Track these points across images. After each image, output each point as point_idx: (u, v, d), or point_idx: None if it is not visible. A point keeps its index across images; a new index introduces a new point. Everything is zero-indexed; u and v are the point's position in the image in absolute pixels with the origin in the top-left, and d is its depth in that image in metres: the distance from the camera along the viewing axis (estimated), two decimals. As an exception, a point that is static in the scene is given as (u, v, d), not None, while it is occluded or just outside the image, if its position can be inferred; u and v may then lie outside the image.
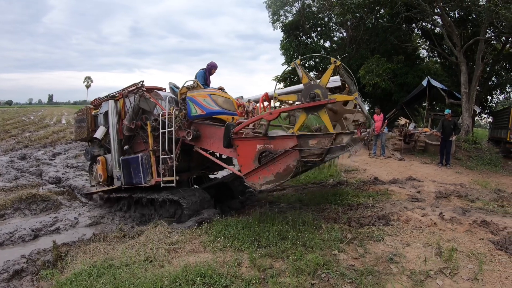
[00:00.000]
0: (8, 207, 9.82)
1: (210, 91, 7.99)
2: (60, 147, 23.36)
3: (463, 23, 22.14)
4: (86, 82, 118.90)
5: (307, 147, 5.89)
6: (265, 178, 6.20)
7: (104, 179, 9.81)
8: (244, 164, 6.43)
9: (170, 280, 4.77)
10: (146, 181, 8.59)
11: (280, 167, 6.03)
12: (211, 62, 9.32)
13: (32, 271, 6.09)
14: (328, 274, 4.78)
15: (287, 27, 28.53)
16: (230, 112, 7.92)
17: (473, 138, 18.02)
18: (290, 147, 5.94)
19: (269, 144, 6.13)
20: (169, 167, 8.20)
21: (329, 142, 5.74)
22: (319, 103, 6.02)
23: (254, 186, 6.43)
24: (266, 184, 6.22)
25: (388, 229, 6.46)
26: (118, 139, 9.32)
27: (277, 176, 6.09)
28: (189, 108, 7.76)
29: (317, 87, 6.15)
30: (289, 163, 5.95)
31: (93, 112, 10.40)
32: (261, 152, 6.21)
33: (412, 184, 10.45)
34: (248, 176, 6.38)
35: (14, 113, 58.48)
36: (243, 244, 5.97)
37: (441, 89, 20.14)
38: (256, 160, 6.27)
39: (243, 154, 6.43)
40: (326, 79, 6.49)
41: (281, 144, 6.03)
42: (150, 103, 8.83)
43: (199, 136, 7.86)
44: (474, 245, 5.79)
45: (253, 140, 6.37)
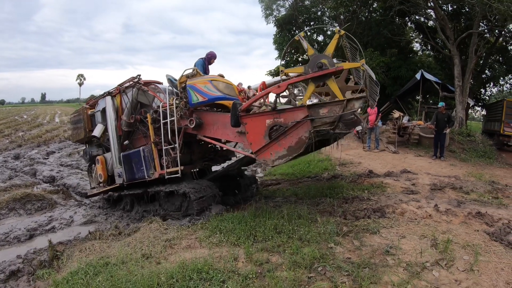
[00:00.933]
0: (2, 207, 9.75)
1: (211, 77, 7.82)
2: (54, 146, 23.24)
3: (456, 16, 22.23)
4: (78, 80, 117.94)
5: (318, 116, 5.81)
6: (277, 153, 6.11)
7: (105, 179, 9.63)
8: (254, 141, 6.31)
9: (167, 276, 4.76)
10: (149, 174, 8.41)
11: (292, 140, 5.94)
12: (210, 51, 9.17)
13: (29, 271, 6.04)
14: (325, 267, 4.79)
15: (280, 21, 28.51)
16: (231, 97, 7.69)
17: (467, 131, 18.14)
18: (301, 119, 5.85)
19: (279, 118, 6.04)
20: (173, 158, 8.02)
21: (341, 109, 5.67)
22: (327, 72, 5.96)
23: (266, 163, 6.34)
24: (279, 159, 6.12)
25: (384, 222, 6.46)
26: (117, 136, 9.14)
27: (289, 149, 6.00)
28: (190, 96, 7.58)
29: (323, 57, 6.12)
30: (301, 134, 5.86)
31: (90, 111, 10.21)
32: (271, 127, 6.11)
33: (407, 177, 10.47)
34: (259, 153, 6.27)
35: (6, 113, 58.07)
36: (239, 239, 5.96)
37: (434, 82, 20.24)
38: (267, 136, 6.16)
39: (253, 131, 6.31)
40: (332, 49, 6.45)
41: (291, 117, 5.93)
42: (148, 96, 8.75)
43: (201, 124, 7.71)
44: (470, 236, 5.81)
45: (262, 115, 6.26)
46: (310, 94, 6.23)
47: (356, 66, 6.56)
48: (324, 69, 5.97)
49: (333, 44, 6.52)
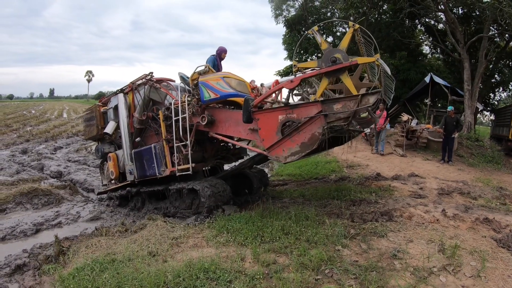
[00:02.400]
0: (9, 201, 9.80)
1: (223, 74, 7.75)
2: (61, 141, 23.38)
3: (467, 20, 22.05)
4: (87, 76, 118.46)
5: (332, 112, 5.72)
6: (290, 149, 6.02)
7: (116, 176, 9.67)
8: (267, 137, 6.24)
9: (174, 275, 4.76)
10: (160, 171, 8.39)
11: (305, 136, 5.85)
12: (220, 47, 9.12)
13: (34, 265, 6.04)
14: (332, 269, 4.78)
15: (290, 21, 28.41)
16: (244, 94, 7.59)
17: (475, 136, 18.01)
18: (314, 114, 5.76)
19: (292, 114, 5.95)
20: (184, 155, 8.00)
21: (355, 104, 5.58)
22: (341, 66, 5.91)
23: (278, 159, 6.25)
24: (292, 156, 6.03)
25: (391, 225, 6.46)
26: (129, 133, 9.18)
27: (302, 146, 5.91)
28: (202, 93, 7.54)
29: (337, 51, 6.07)
30: (314, 130, 5.77)
31: (102, 109, 10.26)
32: (283, 122, 6.02)
33: (415, 181, 10.43)
34: (272, 149, 6.20)
35: (15, 107, 58.52)
36: (246, 239, 5.96)
37: (443, 86, 20.12)
38: (279, 132, 6.08)
39: (265, 127, 6.23)
40: (346, 43, 6.41)
41: (305, 112, 5.84)
42: (160, 94, 8.74)
43: (213, 121, 7.66)
44: (477, 242, 5.78)
45: (274, 111, 6.18)
46: (324, 89, 6.14)
47: (371, 60, 6.48)
48: (338, 64, 5.90)
49: (347, 38, 6.47)
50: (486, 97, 26.25)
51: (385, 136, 15.81)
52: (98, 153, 10.44)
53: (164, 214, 8.63)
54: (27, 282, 5.54)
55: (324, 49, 6.36)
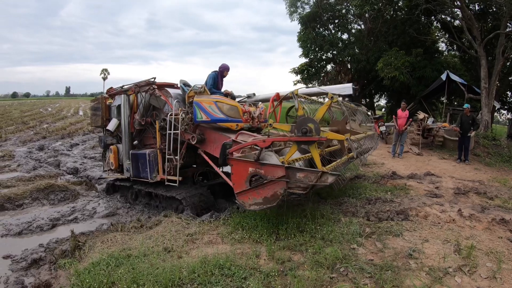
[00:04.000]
0: (26, 197, 9.95)
1: (216, 98, 8.20)
2: (77, 138, 23.60)
3: (484, 16, 21.75)
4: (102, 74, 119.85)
5: (294, 179, 5.85)
6: (254, 199, 6.19)
7: (116, 167, 10.16)
8: (237, 183, 6.41)
9: (189, 271, 4.79)
10: (152, 177, 8.95)
11: (268, 192, 6.01)
12: (223, 64, 9.47)
13: (50, 260, 6.13)
14: (347, 268, 4.77)
15: (305, 18, 28.29)
16: (234, 119, 8.08)
17: (492, 134, 17.73)
18: (278, 176, 5.90)
19: (260, 169, 6.09)
20: (174, 166, 8.51)
21: (315, 178, 5.69)
22: (310, 139, 5.98)
23: (243, 205, 6.38)
24: (254, 205, 6.18)
25: (407, 225, 6.41)
26: (129, 133, 9.56)
27: (264, 200, 6.07)
28: (195, 113, 8.00)
29: (311, 121, 6.13)
30: (276, 190, 5.92)
31: (108, 102, 10.60)
32: (252, 175, 6.18)
33: (431, 180, 10.32)
34: (240, 195, 6.35)
35: (32, 105, 59.27)
36: (261, 236, 6.00)
37: (460, 84, 19.86)
38: (248, 182, 6.23)
39: (236, 174, 6.41)
40: (321, 115, 6.64)
41: (271, 172, 5.98)
42: (160, 101, 9.02)
43: (203, 140, 8.18)
44: (493, 243, 5.72)
45: (246, 163, 6.33)
46: (292, 154, 6.25)
47: (341, 138, 6.60)
48: (308, 136, 5.98)
49: (323, 110, 6.67)
50: (503, 95, 25.80)
51: (405, 138, 15.15)
52: (101, 143, 10.79)
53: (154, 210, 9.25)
54: (43, 276, 5.61)
55: (300, 115, 6.47)
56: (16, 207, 9.44)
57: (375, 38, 26.26)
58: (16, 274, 5.80)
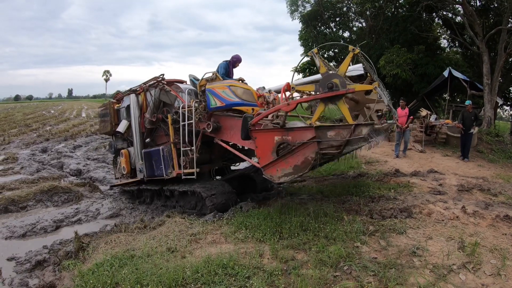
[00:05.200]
0: (30, 199, 10.01)
1: (229, 82, 7.91)
2: (80, 140, 23.67)
3: (485, 12, 21.62)
4: (105, 76, 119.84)
5: (326, 138, 5.70)
6: (283, 170, 6.03)
7: (128, 171, 9.96)
8: (262, 156, 6.27)
9: (192, 271, 4.81)
10: (167, 173, 8.62)
11: (298, 159, 5.85)
12: (235, 55, 9.19)
13: (54, 261, 6.19)
14: (351, 266, 4.76)
15: (306, 17, 28.26)
16: (249, 103, 7.78)
17: (495, 131, 17.62)
18: (308, 139, 5.74)
19: (287, 136, 5.96)
20: (190, 159, 8.19)
21: (348, 133, 5.53)
22: (337, 93, 5.84)
23: (272, 179, 6.27)
24: (284, 177, 6.05)
25: (411, 222, 6.38)
26: (140, 132, 9.39)
27: (295, 168, 5.92)
28: (209, 100, 7.71)
29: (336, 76, 5.97)
30: (307, 155, 5.77)
31: (116, 106, 10.52)
32: (279, 144, 6.04)
33: (434, 177, 10.28)
34: (266, 168, 6.22)
35: (34, 108, 59.50)
36: (265, 235, 5.99)
37: (462, 80, 19.76)
38: (274, 152, 6.10)
39: (261, 146, 6.27)
40: (345, 68, 6.35)
41: (299, 136, 5.84)
42: (170, 96, 8.85)
43: (219, 128, 7.81)
44: (497, 240, 5.70)
45: (271, 131, 6.20)
46: (320, 114, 6.11)
47: (369, 88, 6.45)
48: (335, 90, 5.83)
49: (346, 62, 6.41)
50: (506, 91, 25.63)
51: (408, 138, 14.53)
52: (111, 149, 10.77)
53: None
54: (47, 277, 5.66)
55: (323, 73, 6.29)
56: (20, 209, 9.49)
57: (376, 36, 26.15)
58: (21, 275, 5.85)
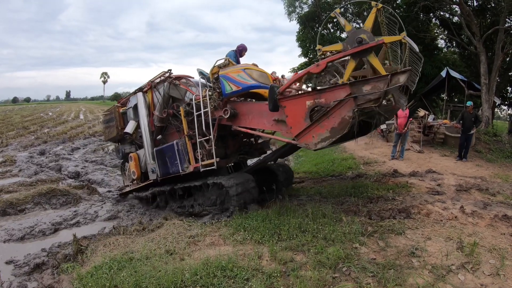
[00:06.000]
0: (28, 201, 9.96)
1: (244, 66, 7.63)
2: (78, 142, 23.65)
3: (482, 12, 21.67)
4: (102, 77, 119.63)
5: (362, 93, 5.59)
6: (320, 135, 5.88)
7: (138, 176, 9.62)
8: (295, 125, 6.11)
9: (191, 273, 4.80)
10: (183, 168, 8.26)
11: (335, 121, 5.72)
12: (241, 44, 8.99)
13: (53, 264, 6.15)
14: (350, 267, 4.76)
15: (303, 18, 28.36)
16: (266, 85, 7.44)
17: (493, 130, 17.66)
18: (343, 97, 5.63)
19: (320, 98, 5.81)
20: (207, 151, 7.88)
21: (385, 84, 5.46)
22: (368, 46, 5.72)
23: (308, 146, 6.12)
24: (322, 142, 5.91)
25: (409, 223, 6.39)
26: (150, 131, 9.08)
27: (332, 131, 5.78)
28: (223, 86, 7.45)
29: (362, 32, 5.94)
30: (344, 114, 5.64)
31: (121, 110, 10.24)
32: (312, 108, 5.89)
33: (432, 177, 10.29)
34: (300, 136, 6.07)
35: (32, 110, 59.52)
36: (263, 237, 5.97)
37: (460, 80, 19.82)
38: (308, 118, 5.95)
39: (292, 114, 6.11)
40: (370, 23, 6.30)
41: (333, 96, 5.69)
42: (180, 90, 8.73)
43: (236, 115, 7.54)
44: (496, 240, 5.70)
45: (301, 97, 6.04)
46: (351, 72, 5.99)
47: (398, 39, 6.33)
48: (364, 44, 5.75)
49: (370, 18, 6.34)
50: (503, 91, 25.68)
51: (407, 140, 14.13)
52: (119, 154, 10.43)
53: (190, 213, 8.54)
54: (46, 280, 5.64)
55: (349, 30, 6.26)
56: (18, 212, 9.46)
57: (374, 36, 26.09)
58: (19, 279, 5.82)
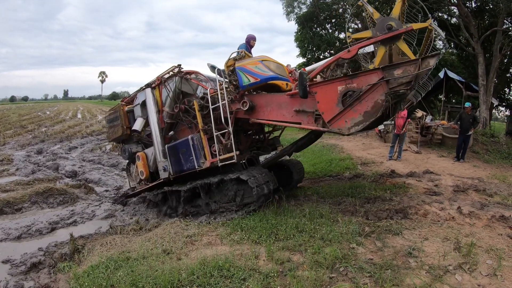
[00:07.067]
0: (25, 200, 9.90)
1: (261, 57, 7.51)
2: (76, 141, 23.56)
3: (480, 13, 21.74)
4: (100, 77, 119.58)
5: (393, 77, 5.70)
6: (353, 120, 5.94)
7: (147, 176, 9.28)
8: (327, 110, 6.12)
9: (188, 273, 4.79)
10: (200, 164, 8.00)
11: (368, 105, 5.79)
12: (248, 34, 8.88)
13: (50, 263, 6.12)
14: (347, 267, 4.76)
15: (302, 18, 28.39)
16: (283, 77, 7.47)
17: (491, 131, 17.72)
18: (376, 81, 5.72)
19: (352, 84, 5.87)
20: (224, 145, 7.70)
21: (415, 68, 5.59)
22: (397, 32, 5.83)
23: (341, 131, 6.14)
24: (355, 126, 5.96)
25: (406, 223, 6.40)
26: (159, 128, 8.81)
27: (365, 115, 5.83)
28: (240, 79, 7.31)
29: (391, 19, 6.04)
30: (376, 98, 5.71)
31: (126, 108, 9.90)
32: (344, 93, 5.94)
33: (430, 178, 10.31)
34: (333, 122, 6.10)
35: (30, 109, 59.33)
36: (260, 237, 5.97)
37: (458, 81, 19.88)
38: (340, 103, 5.98)
39: (324, 100, 6.13)
40: (397, 11, 6.36)
41: (365, 81, 5.78)
42: (192, 85, 8.59)
43: (254, 107, 7.44)
44: (493, 240, 5.72)
45: (333, 82, 6.08)
46: (381, 57, 6.06)
47: (425, 26, 6.41)
48: (394, 30, 5.86)
49: (397, 7, 6.40)
50: (501, 92, 25.75)
51: (404, 141, 14.18)
52: (125, 154, 10.02)
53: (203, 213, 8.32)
54: (43, 280, 5.62)
55: (377, 18, 6.35)
56: (15, 211, 9.40)
57: (372, 37, 26.12)
58: (16, 278, 5.79)
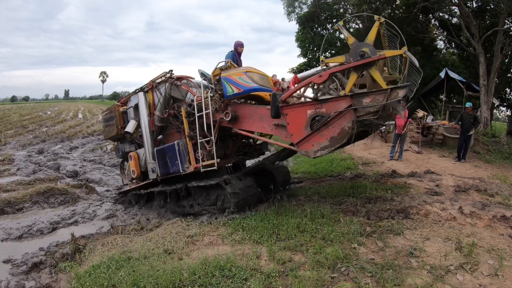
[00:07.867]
0: (26, 200, 9.91)
1: (245, 68, 7.68)
2: (77, 141, 23.58)
3: (481, 13, 21.71)
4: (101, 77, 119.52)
5: (362, 106, 5.74)
6: (319, 144, 6.03)
7: (138, 175, 9.56)
8: (295, 132, 6.23)
9: (189, 272, 4.79)
10: (184, 168, 8.27)
11: (335, 131, 5.87)
12: (236, 41, 8.94)
13: (51, 263, 6.13)
14: (348, 267, 4.76)
15: (302, 18, 28.35)
16: (267, 88, 7.60)
17: (492, 132, 17.68)
18: (344, 108, 5.76)
19: (321, 108, 5.95)
20: (208, 151, 7.91)
21: (384, 98, 5.61)
22: (369, 60, 5.86)
23: (307, 154, 6.23)
24: (321, 150, 6.04)
25: (408, 223, 6.40)
26: (150, 131, 9.05)
27: (331, 140, 5.92)
28: (225, 88, 7.45)
29: (365, 45, 6.04)
30: (343, 125, 5.79)
31: (122, 109, 10.18)
32: (312, 117, 6.03)
33: (431, 178, 10.30)
34: (301, 144, 6.20)
35: (31, 109, 59.34)
36: (262, 237, 5.98)
37: (459, 81, 19.82)
38: (308, 126, 6.08)
39: (294, 122, 6.24)
40: (372, 37, 6.38)
41: (334, 107, 5.84)
42: (181, 91, 8.71)
43: (237, 117, 7.59)
44: (494, 240, 5.72)
45: (303, 106, 6.18)
46: (353, 84, 6.10)
47: (399, 53, 6.44)
48: (366, 58, 5.87)
49: (373, 32, 6.43)
50: (502, 92, 25.68)
51: (405, 141, 14.18)
52: (118, 153, 10.34)
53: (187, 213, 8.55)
54: (44, 279, 5.62)
55: (351, 43, 6.34)
56: (16, 211, 9.42)
57: (373, 37, 26.12)
58: (17, 278, 5.80)
